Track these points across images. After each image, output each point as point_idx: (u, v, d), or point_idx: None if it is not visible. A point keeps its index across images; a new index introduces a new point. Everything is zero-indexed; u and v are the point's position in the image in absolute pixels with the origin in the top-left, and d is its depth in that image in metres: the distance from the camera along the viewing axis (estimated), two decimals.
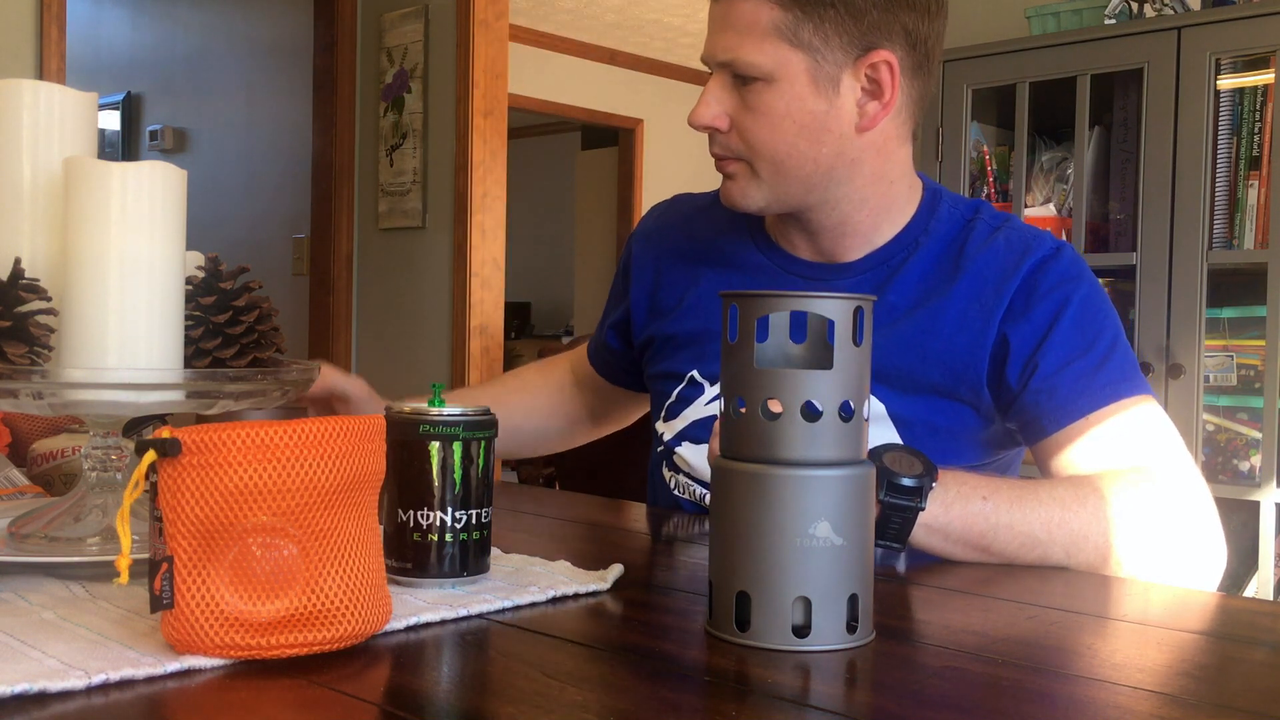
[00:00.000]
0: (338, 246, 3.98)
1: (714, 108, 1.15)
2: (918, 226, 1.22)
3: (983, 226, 1.21)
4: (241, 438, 0.63)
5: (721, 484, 0.73)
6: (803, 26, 1.11)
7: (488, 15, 3.62)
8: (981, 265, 1.18)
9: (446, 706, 0.60)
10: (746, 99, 1.14)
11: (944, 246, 1.21)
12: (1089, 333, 1.14)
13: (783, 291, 0.71)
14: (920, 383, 1.16)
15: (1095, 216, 2.47)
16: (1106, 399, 1.10)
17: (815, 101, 1.13)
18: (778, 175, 1.16)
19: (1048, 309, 1.14)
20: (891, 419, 1.17)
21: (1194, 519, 1.04)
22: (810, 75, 1.12)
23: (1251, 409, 2.27)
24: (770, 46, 1.11)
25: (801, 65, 1.12)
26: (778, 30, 1.11)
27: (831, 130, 1.15)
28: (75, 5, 3.68)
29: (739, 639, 0.71)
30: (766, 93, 1.13)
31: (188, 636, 0.63)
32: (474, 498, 0.81)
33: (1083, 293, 1.15)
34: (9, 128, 0.88)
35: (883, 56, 1.13)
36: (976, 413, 1.18)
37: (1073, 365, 1.12)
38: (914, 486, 0.93)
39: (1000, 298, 1.15)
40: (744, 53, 1.12)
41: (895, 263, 1.21)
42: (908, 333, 1.17)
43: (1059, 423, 1.11)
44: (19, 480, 1.11)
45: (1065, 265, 1.17)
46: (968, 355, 1.15)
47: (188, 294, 0.89)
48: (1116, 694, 0.63)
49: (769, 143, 1.14)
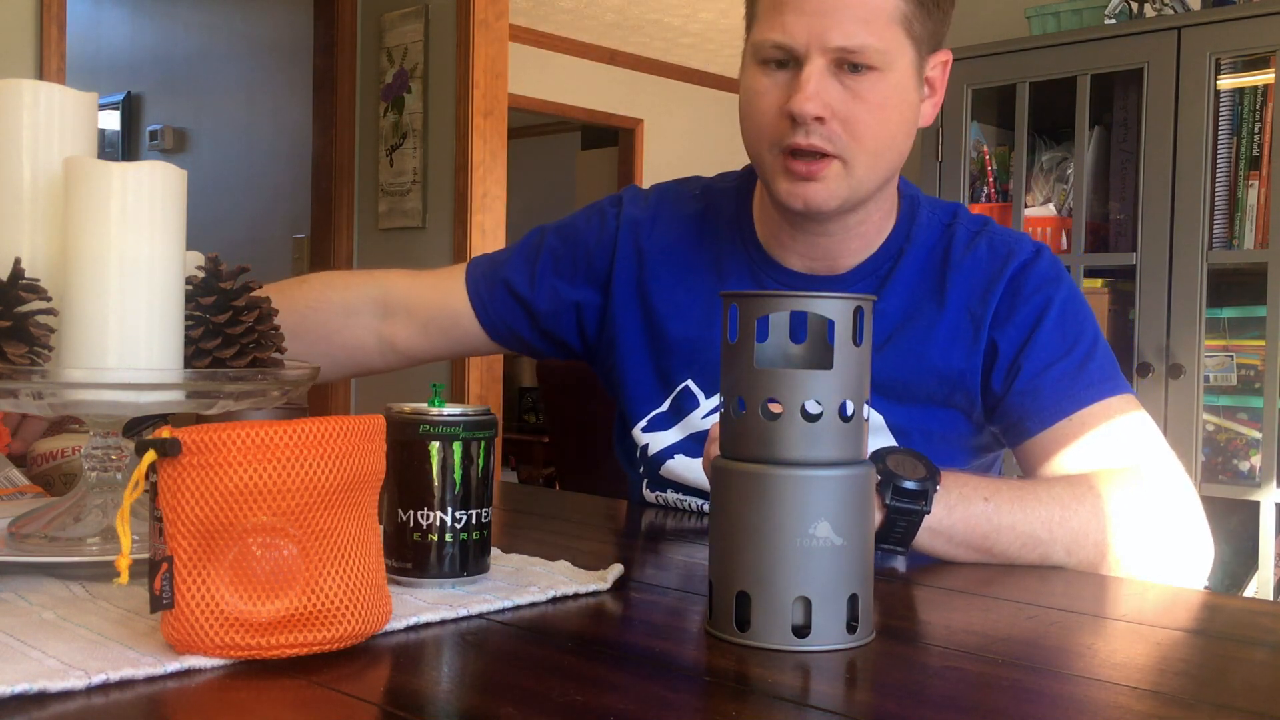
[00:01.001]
0: (338, 246, 3.98)
1: (822, 97, 1.08)
2: (900, 234, 1.22)
3: (962, 232, 1.21)
4: (241, 438, 0.63)
5: (721, 484, 0.73)
6: (917, 18, 1.10)
7: (488, 15, 3.62)
8: (968, 272, 1.18)
9: (446, 706, 0.60)
10: (855, 88, 1.09)
11: (927, 253, 1.21)
12: (1070, 334, 1.15)
13: (783, 291, 0.71)
14: (918, 393, 1.17)
15: (1095, 216, 2.47)
16: (1089, 399, 1.11)
17: (913, 94, 1.14)
18: (870, 170, 1.12)
19: (1030, 312, 1.15)
20: (889, 428, 1.17)
21: (1183, 517, 1.05)
22: (914, 68, 1.12)
23: (1251, 409, 2.27)
24: (891, 35, 1.09)
25: (910, 57, 1.11)
26: (901, 19, 1.09)
27: (914, 126, 1.16)
28: (75, 5, 3.68)
29: (739, 639, 0.71)
30: (880, 83, 1.09)
31: (188, 636, 0.63)
32: (474, 498, 0.81)
33: (1063, 294, 1.17)
34: (9, 128, 0.88)
35: (946, 55, 1.17)
36: (968, 419, 1.19)
37: (1055, 367, 1.13)
38: (918, 490, 0.93)
39: (987, 305, 1.16)
40: (869, 39, 1.07)
41: (884, 272, 1.20)
42: (903, 344, 1.17)
43: (1043, 424, 1.12)
44: (19, 480, 1.11)
45: (1045, 268, 1.18)
46: (963, 364, 1.16)
47: (188, 294, 0.89)
48: (1116, 694, 0.63)
49: (875, 135, 1.11)
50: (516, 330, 1.33)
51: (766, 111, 1.11)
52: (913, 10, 1.09)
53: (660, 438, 1.25)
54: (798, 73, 1.09)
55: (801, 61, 1.08)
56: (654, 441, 1.25)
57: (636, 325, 1.27)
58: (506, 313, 1.32)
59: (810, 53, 1.07)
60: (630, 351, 1.27)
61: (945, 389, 1.17)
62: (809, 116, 1.07)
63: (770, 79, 1.11)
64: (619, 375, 1.29)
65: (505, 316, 1.32)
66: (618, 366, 1.28)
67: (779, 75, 1.10)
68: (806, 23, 1.07)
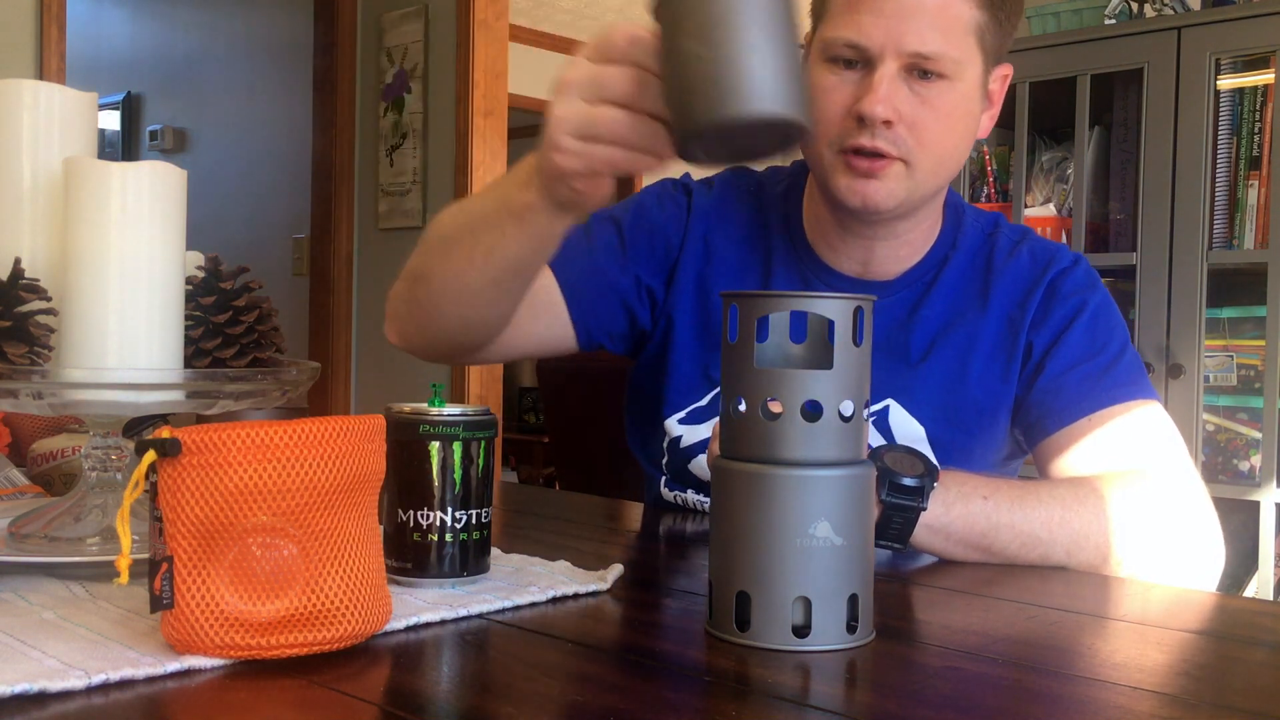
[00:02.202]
0: (338, 246, 3.98)
1: (893, 101, 1.07)
2: (946, 241, 1.23)
3: (1004, 240, 1.23)
4: (241, 438, 0.63)
5: (721, 484, 0.73)
6: (990, 29, 1.10)
7: (488, 15, 3.62)
8: (1010, 281, 1.20)
9: (446, 706, 0.60)
10: (924, 94, 1.08)
11: (969, 260, 1.22)
12: (1099, 339, 1.16)
13: (783, 291, 0.71)
14: (963, 405, 1.18)
15: (1095, 216, 2.47)
16: (1109, 401, 1.11)
17: (977, 105, 1.14)
18: (930, 177, 1.13)
19: (1063, 314, 1.17)
20: (930, 442, 1.17)
21: (1193, 521, 1.04)
22: (980, 79, 1.13)
23: (1251, 409, 2.27)
24: (965, 45, 1.09)
25: (978, 68, 1.12)
26: (976, 29, 1.09)
27: (974, 136, 1.16)
28: (75, 5, 3.68)
29: (739, 639, 0.71)
30: (949, 92, 1.09)
31: (188, 636, 0.63)
32: (474, 498, 0.81)
33: (1097, 300, 1.19)
34: (9, 128, 0.88)
35: (1008, 69, 1.17)
36: (1004, 428, 1.20)
37: (1080, 367, 1.14)
38: (915, 486, 0.93)
39: (1026, 310, 1.18)
40: (945, 47, 1.07)
41: (929, 279, 1.21)
42: (947, 356, 1.18)
43: (1061, 422, 1.12)
44: (19, 480, 1.11)
45: (1082, 275, 1.20)
46: (1004, 371, 1.18)
47: (188, 294, 0.88)
48: (1116, 694, 0.63)
49: (939, 143, 1.11)
50: (593, 309, 1.25)
51: (832, 110, 1.10)
52: (986, 22, 1.09)
53: (696, 431, 1.23)
54: (868, 74, 1.08)
55: (874, 63, 1.07)
56: (688, 434, 1.23)
57: (692, 316, 1.25)
58: (595, 292, 1.24)
59: (885, 55, 1.07)
60: (683, 343, 1.25)
61: (990, 400, 1.18)
62: (879, 120, 1.07)
63: (838, 77, 1.10)
64: (666, 364, 1.26)
65: (589, 292, 1.24)
66: (667, 356, 1.25)
67: (847, 74, 1.09)
68: (884, 25, 1.06)
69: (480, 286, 1.06)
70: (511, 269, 1.03)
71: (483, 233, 1.02)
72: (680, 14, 0.74)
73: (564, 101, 0.84)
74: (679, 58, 0.74)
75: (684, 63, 0.74)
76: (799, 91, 0.73)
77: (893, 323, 1.20)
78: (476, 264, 1.03)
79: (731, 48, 0.71)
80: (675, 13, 0.74)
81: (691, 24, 0.73)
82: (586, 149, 0.84)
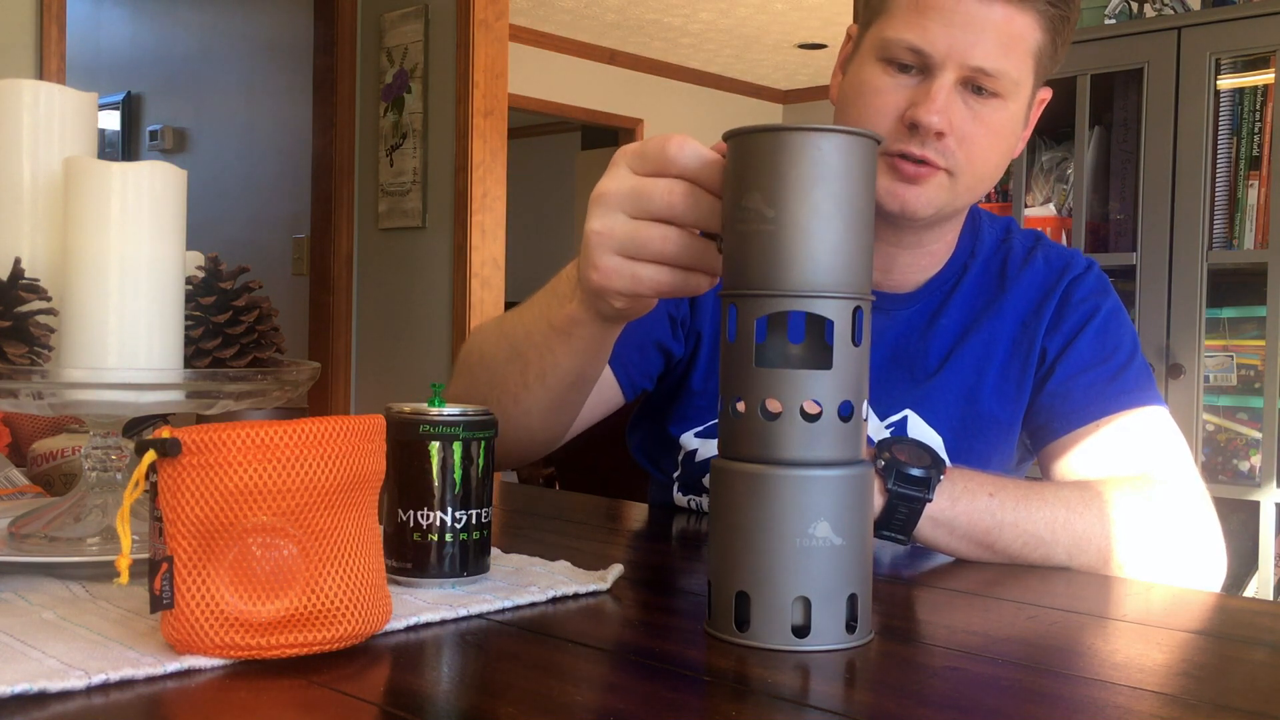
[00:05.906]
0: (338, 246, 3.98)
1: (949, 113, 1.06)
2: (965, 249, 1.23)
3: (1018, 246, 1.24)
4: (241, 438, 0.63)
5: (721, 484, 0.73)
6: (1047, 53, 1.10)
7: (488, 15, 3.62)
8: (1025, 289, 1.20)
9: (446, 706, 0.60)
10: (977, 110, 1.07)
11: (984, 268, 1.23)
12: (1109, 345, 1.17)
13: (782, 291, 0.71)
14: (980, 414, 1.18)
15: (1095, 216, 2.47)
16: (1117, 407, 1.12)
17: (1021, 126, 1.14)
18: (970, 191, 1.12)
19: (1076, 320, 1.18)
20: (948, 452, 1.17)
21: (1196, 528, 1.05)
22: (1028, 100, 1.13)
23: (1251, 409, 2.27)
24: (1024, 66, 1.08)
25: (1030, 90, 1.12)
26: (1036, 52, 1.09)
27: (1012, 156, 1.16)
28: (75, 5, 3.68)
29: (738, 639, 0.71)
30: (1001, 110, 1.08)
31: (188, 636, 0.63)
32: (474, 498, 0.81)
33: (1108, 306, 1.20)
34: (9, 128, 0.88)
35: (1047, 93, 1.17)
36: (1019, 434, 1.20)
37: (1089, 373, 1.15)
38: (922, 477, 0.93)
39: (1041, 316, 1.19)
40: (1007, 66, 1.06)
41: (948, 289, 1.22)
42: (964, 365, 1.18)
43: (1068, 426, 1.13)
44: (19, 480, 1.11)
45: (1094, 281, 1.21)
46: (1019, 378, 1.18)
47: (188, 294, 0.88)
48: (1117, 694, 0.63)
49: (985, 159, 1.10)
50: (642, 371, 1.23)
51: (883, 112, 1.08)
52: (1046, 45, 1.09)
53: (710, 446, 1.23)
54: (925, 81, 1.06)
55: (933, 71, 1.06)
56: (704, 448, 1.23)
57: (714, 330, 1.23)
58: (643, 357, 1.23)
59: (946, 65, 1.05)
60: (707, 362, 1.24)
61: (1009, 408, 1.18)
62: (933, 130, 1.05)
63: (893, 80, 1.08)
64: (686, 382, 1.25)
65: (639, 363, 1.23)
66: (688, 375, 1.25)
67: (902, 78, 1.07)
68: (951, 35, 1.04)
69: (543, 409, 1.03)
70: (570, 384, 1.00)
71: (531, 355, 0.98)
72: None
73: (604, 215, 0.80)
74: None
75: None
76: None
77: (912, 333, 1.20)
78: (532, 388, 1.00)
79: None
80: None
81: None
82: (630, 268, 0.80)
